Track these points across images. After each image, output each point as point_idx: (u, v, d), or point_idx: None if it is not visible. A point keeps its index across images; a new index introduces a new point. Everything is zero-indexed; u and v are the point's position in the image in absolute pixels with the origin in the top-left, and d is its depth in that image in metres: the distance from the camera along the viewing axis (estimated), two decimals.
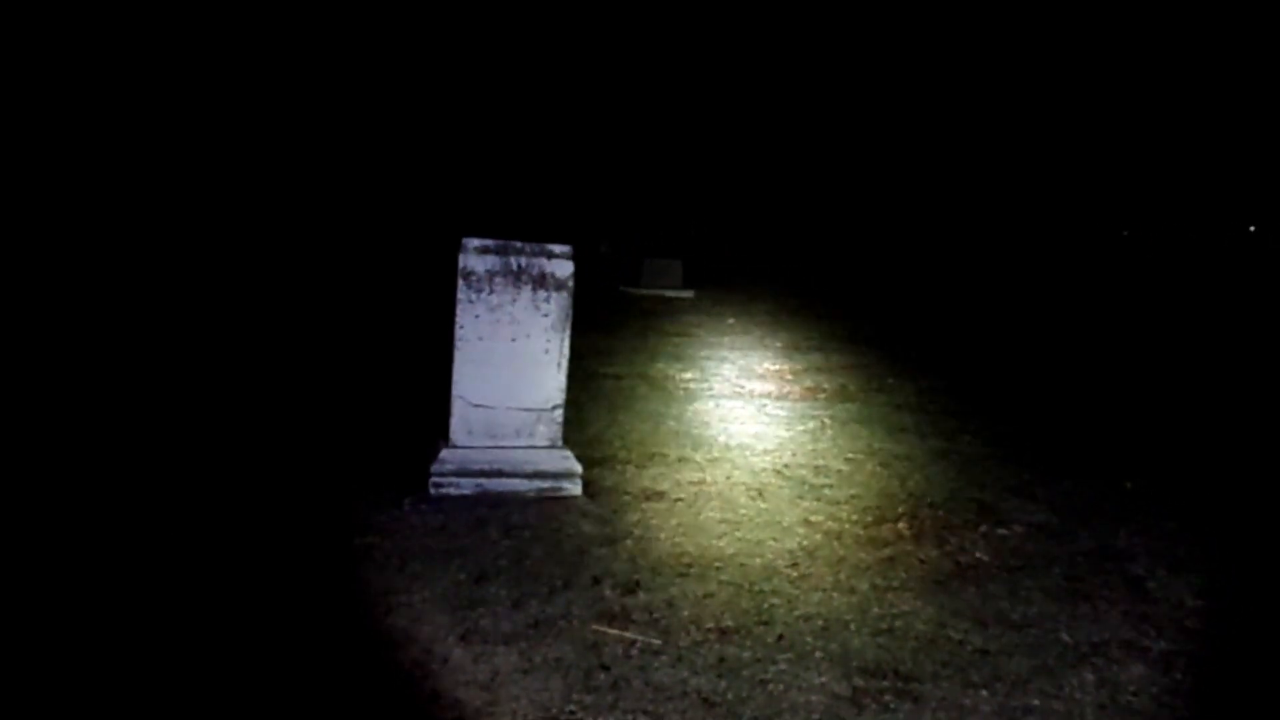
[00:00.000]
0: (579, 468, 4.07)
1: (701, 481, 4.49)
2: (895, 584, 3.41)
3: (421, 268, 11.31)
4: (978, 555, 3.75)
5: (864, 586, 3.38)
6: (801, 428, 5.66)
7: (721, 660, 2.81)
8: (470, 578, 3.24)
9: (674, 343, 8.53)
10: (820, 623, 3.07)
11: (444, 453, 3.91)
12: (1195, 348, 11.14)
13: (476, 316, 3.81)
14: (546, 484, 3.96)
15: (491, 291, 3.81)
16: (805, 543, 3.80)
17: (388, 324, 8.30)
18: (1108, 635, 3.09)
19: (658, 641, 2.91)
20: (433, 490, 3.85)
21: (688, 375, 7.07)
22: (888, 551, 3.74)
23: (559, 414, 4.03)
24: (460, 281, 3.81)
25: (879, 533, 3.95)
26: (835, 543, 3.81)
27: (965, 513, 4.25)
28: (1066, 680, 2.78)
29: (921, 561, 3.65)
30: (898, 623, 3.10)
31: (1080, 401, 7.29)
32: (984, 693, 2.69)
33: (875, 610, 3.18)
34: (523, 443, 3.97)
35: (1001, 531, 4.04)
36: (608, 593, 3.22)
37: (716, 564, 3.53)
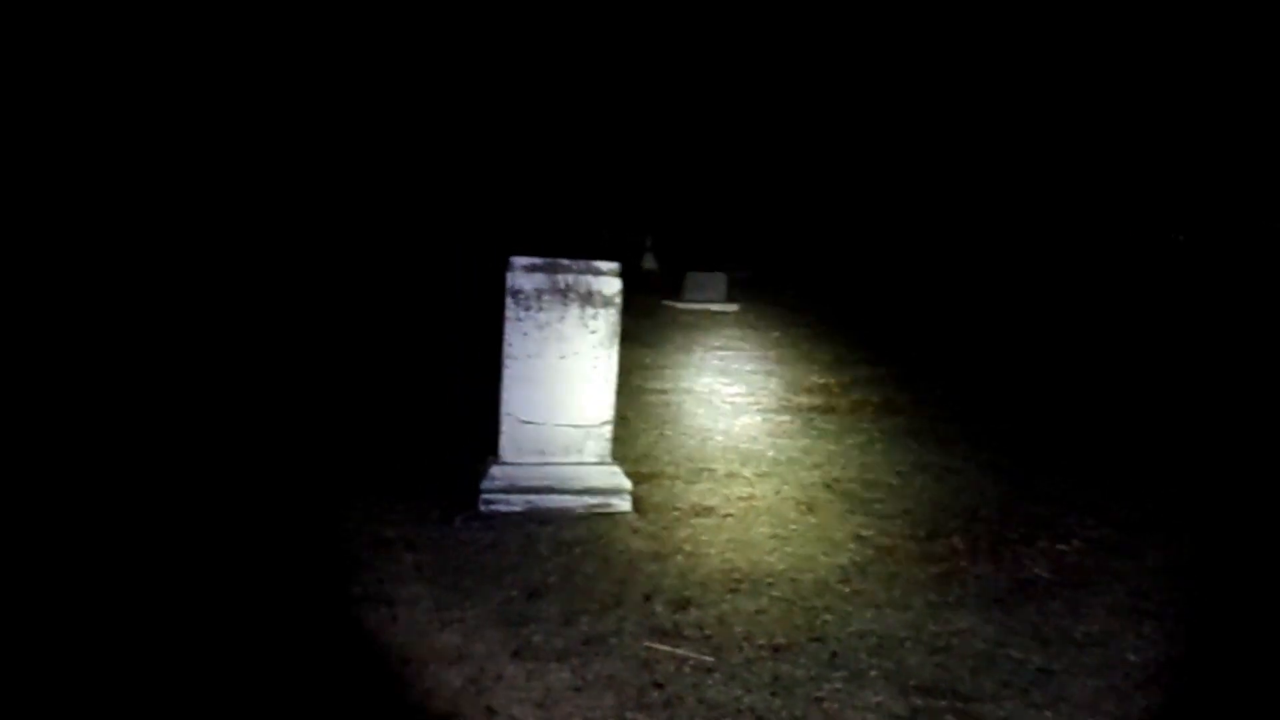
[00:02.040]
0: (628, 483, 4.07)
1: (750, 496, 4.46)
2: (951, 600, 3.35)
3: (459, 281, 11.45)
4: (1036, 571, 3.67)
5: (918, 603, 3.32)
6: (850, 441, 5.60)
7: (775, 678, 2.78)
8: (522, 594, 3.26)
9: (719, 357, 8.51)
10: (875, 640, 3.03)
11: (494, 469, 3.95)
12: (1258, 358, 10.79)
13: (525, 334, 3.85)
14: (596, 500, 3.97)
15: (540, 309, 3.84)
16: (857, 558, 3.75)
17: (434, 339, 8.41)
18: (1177, 655, 3.00)
19: (710, 658, 2.89)
20: (483, 507, 3.89)
21: (734, 390, 7.05)
22: (942, 567, 3.67)
23: (608, 430, 4.04)
24: (508, 299, 3.85)
25: (932, 548, 3.88)
26: (888, 558, 3.76)
27: (1021, 527, 4.17)
28: (1134, 702, 2.70)
29: (977, 577, 3.58)
30: (955, 640, 3.04)
31: (1142, 413, 7.10)
32: (1048, 714, 2.62)
33: (931, 627, 3.13)
34: (572, 459, 3.99)
35: (1060, 547, 3.94)
36: (659, 609, 3.21)
37: (768, 579, 3.50)
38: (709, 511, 4.21)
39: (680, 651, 2.93)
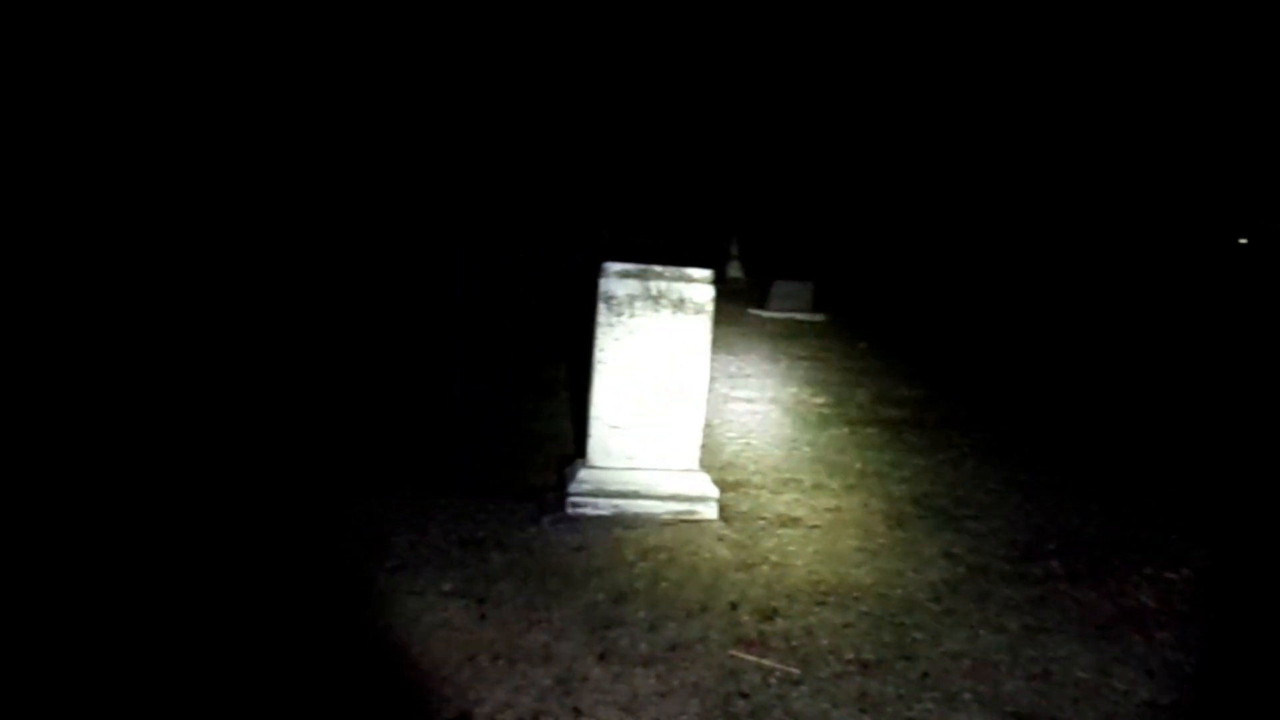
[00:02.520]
0: (715, 491, 4.06)
1: (837, 509, 4.40)
2: (1049, 625, 3.23)
3: (547, 284, 11.59)
4: (1141, 599, 3.51)
5: (1014, 626, 3.22)
6: (940, 456, 5.47)
7: (863, 694, 2.73)
8: (608, 598, 3.29)
9: (805, 366, 8.41)
10: (968, 662, 2.95)
11: (581, 473, 3.99)
12: None
13: (616, 340, 3.88)
14: (682, 507, 3.98)
15: (631, 315, 3.87)
16: (948, 576, 3.66)
17: (516, 339, 8.55)
18: None
19: (797, 671, 2.86)
20: (570, 509, 3.93)
21: (820, 400, 6.95)
22: (1039, 590, 3.55)
23: (697, 437, 4.04)
24: (600, 305, 3.89)
25: (1028, 569, 3.76)
26: (980, 577, 3.65)
27: (1126, 552, 3.99)
28: None
29: (1078, 602, 3.44)
30: (1054, 667, 2.93)
31: (1239, 427, 6.72)
32: None
33: (1028, 652, 3.03)
34: (660, 465, 4.00)
35: (1169, 575, 3.76)
36: (745, 618, 3.19)
37: (855, 593, 3.44)
38: (795, 522, 4.17)
39: (766, 662, 2.91)
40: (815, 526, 4.13)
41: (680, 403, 3.98)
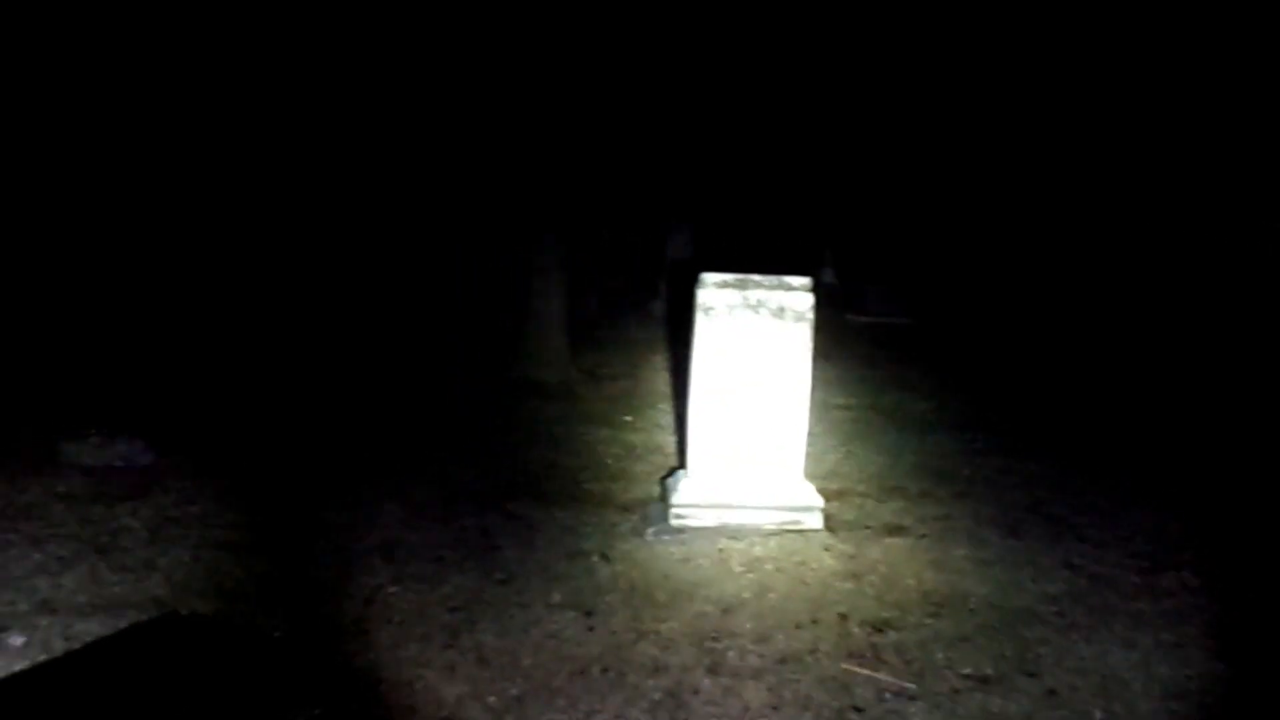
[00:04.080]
0: (820, 501, 4.00)
1: (947, 517, 4.27)
2: (1185, 641, 3.06)
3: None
4: None
5: (1146, 641, 3.06)
6: (1051, 462, 5.25)
7: (985, 711, 2.64)
8: (716, 609, 3.27)
9: (904, 371, 8.20)
10: (1097, 679, 2.81)
11: (684, 483, 3.99)
12: None
13: (715, 350, 3.87)
14: (787, 517, 3.93)
15: (730, 324, 3.86)
16: (1069, 587, 3.51)
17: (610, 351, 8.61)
18: None
19: (912, 685, 2.79)
20: (673, 520, 3.93)
21: (922, 405, 6.77)
22: (1171, 603, 3.37)
23: (799, 446, 3.99)
24: (698, 314, 3.89)
25: (1158, 581, 3.57)
26: (1105, 589, 3.49)
27: (1267, 567, 3.74)
28: None
29: (1215, 618, 3.25)
30: (1191, 686, 2.77)
31: None
32: None
33: (1163, 670, 2.87)
34: (762, 475, 3.97)
35: None
36: (855, 630, 3.13)
37: (970, 605, 3.33)
38: (903, 531, 4.06)
39: (879, 676, 2.84)
40: (924, 535, 4.02)
41: (782, 412, 3.94)
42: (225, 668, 2.49)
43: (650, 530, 3.92)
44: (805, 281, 3.91)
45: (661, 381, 7.02)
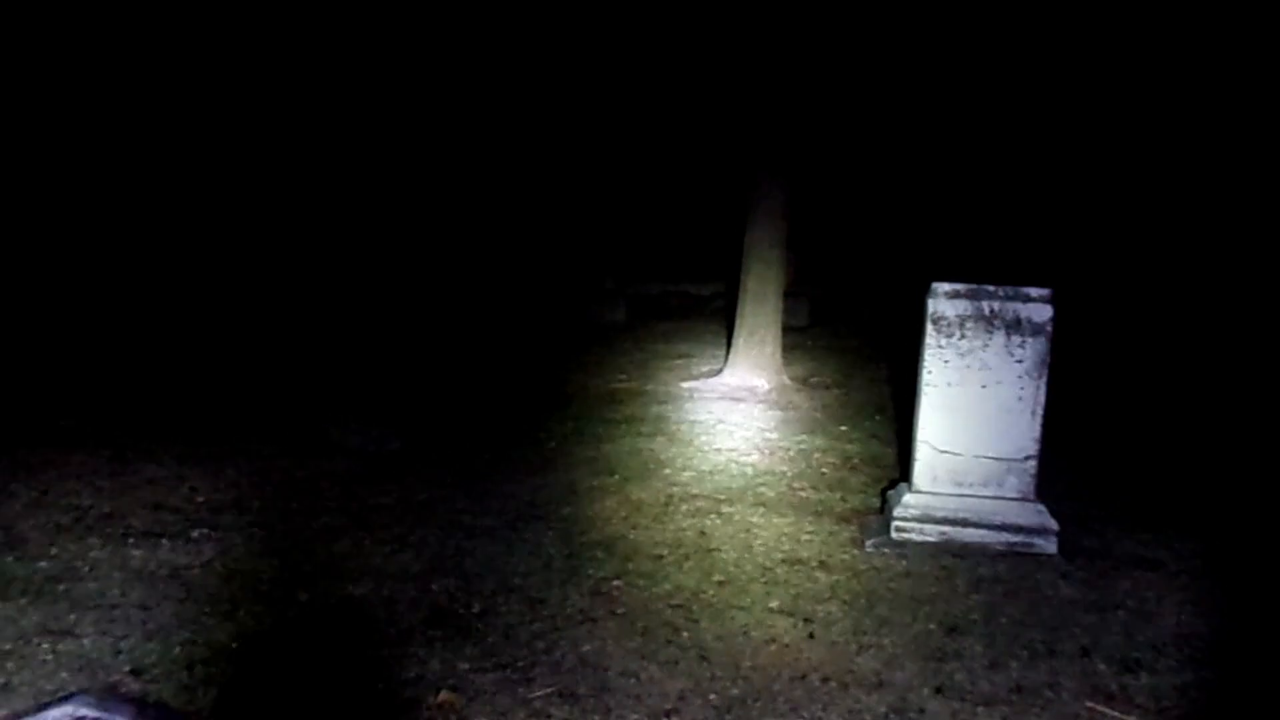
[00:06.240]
0: (1054, 524, 3.75)
1: (1207, 551, 3.87)
2: None
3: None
4: None
5: None
6: None
7: None
8: (941, 628, 3.16)
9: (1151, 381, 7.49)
10: None
11: (907, 497, 3.88)
12: None
13: (945, 362, 3.74)
14: (1017, 538, 3.72)
15: (962, 337, 3.71)
16: None
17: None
18: None
19: None
20: (895, 534, 3.83)
21: (1174, 425, 6.15)
22: None
23: (1032, 465, 3.77)
24: (929, 326, 3.77)
25: None
26: None
27: None
28: None
29: None
30: None
31: None
32: None
33: None
34: (991, 493, 3.78)
35: None
36: (1101, 667, 2.91)
37: (1238, 651, 3.00)
38: (1154, 565, 3.72)
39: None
40: (1181, 571, 3.66)
41: (1015, 428, 3.74)
42: None
43: (870, 542, 3.84)
44: (1045, 293, 3.68)
45: (875, 392, 6.83)
